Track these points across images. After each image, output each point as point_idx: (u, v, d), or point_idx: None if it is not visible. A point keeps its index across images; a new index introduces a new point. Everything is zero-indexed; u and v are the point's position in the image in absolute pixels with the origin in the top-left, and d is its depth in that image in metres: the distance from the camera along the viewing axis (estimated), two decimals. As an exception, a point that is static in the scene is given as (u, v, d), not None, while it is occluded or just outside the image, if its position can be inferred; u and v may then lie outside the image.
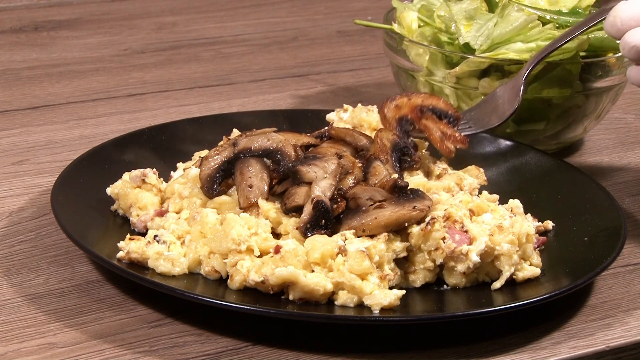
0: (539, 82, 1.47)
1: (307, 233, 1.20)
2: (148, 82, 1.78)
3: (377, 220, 1.20)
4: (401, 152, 1.33)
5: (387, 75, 1.82)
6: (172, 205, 1.28)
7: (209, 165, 1.27)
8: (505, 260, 1.20)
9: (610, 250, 1.22)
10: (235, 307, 1.12)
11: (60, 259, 1.26)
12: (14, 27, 2.00)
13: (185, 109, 1.69)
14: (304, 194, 1.22)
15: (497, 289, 1.20)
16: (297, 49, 1.97)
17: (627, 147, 1.62)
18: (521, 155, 1.43)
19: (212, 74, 1.83)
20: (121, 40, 1.97)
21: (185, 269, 1.20)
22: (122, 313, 1.17)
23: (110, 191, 1.31)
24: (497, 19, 1.49)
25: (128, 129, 1.54)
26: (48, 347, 1.11)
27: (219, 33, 2.03)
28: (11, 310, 1.17)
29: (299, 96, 1.76)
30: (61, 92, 1.73)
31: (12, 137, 1.56)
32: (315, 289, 1.15)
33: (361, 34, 2.04)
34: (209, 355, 1.11)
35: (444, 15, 1.51)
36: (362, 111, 1.44)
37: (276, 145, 1.27)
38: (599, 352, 1.15)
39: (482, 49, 1.48)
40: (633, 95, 1.79)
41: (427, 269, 1.21)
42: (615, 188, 1.47)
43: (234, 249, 1.18)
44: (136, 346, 1.12)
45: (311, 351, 1.12)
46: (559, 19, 1.52)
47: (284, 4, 2.20)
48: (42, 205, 1.36)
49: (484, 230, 1.21)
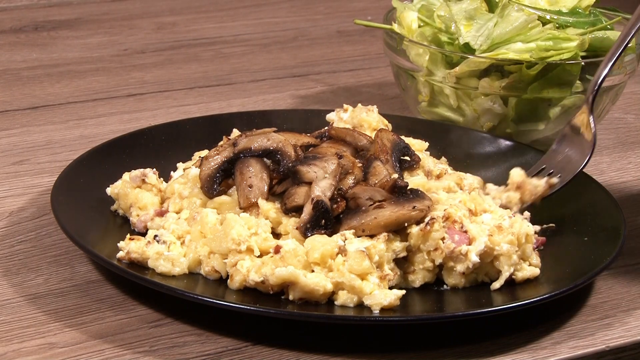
0: (539, 82, 1.47)
1: (307, 233, 1.20)
2: (148, 82, 1.78)
3: (376, 220, 1.20)
4: (401, 152, 1.33)
5: (387, 75, 1.82)
6: (172, 205, 1.28)
7: (209, 165, 1.27)
8: (505, 260, 1.20)
9: (610, 250, 1.22)
10: (235, 307, 1.12)
11: (60, 259, 1.26)
12: (14, 27, 2.00)
13: (185, 109, 1.69)
14: (304, 194, 1.22)
15: (497, 289, 1.20)
16: (297, 49, 1.97)
17: (627, 147, 1.62)
18: (521, 155, 1.43)
19: (212, 74, 1.83)
20: (121, 40, 1.97)
21: (185, 269, 1.20)
22: (122, 313, 1.17)
23: (110, 191, 1.31)
24: (497, 19, 1.49)
25: (128, 129, 1.54)
26: (48, 347, 1.11)
27: (219, 33, 2.03)
28: (11, 310, 1.17)
29: (299, 96, 1.76)
30: (61, 92, 1.73)
31: (12, 137, 1.56)
32: (315, 289, 1.15)
33: (361, 34, 2.04)
34: (209, 355, 1.11)
35: (444, 15, 1.51)
36: (362, 111, 1.44)
37: (276, 145, 1.27)
38: (599, 352, 1.15)
39: (482, 49, 1.48)
40: (633, 95, 1.79)
41: (426, 269, 1.21)
42: (615, 188, 1.47)
43: (234, 249, 1.18)
44: (136, 346, 1.12)
45: (311, 351, 1.12)
46: (559, 19, 1.52)
47: (284, 4, 2.20)
48: (42, 205, 1.36)
49: (483, 230, 1.21)
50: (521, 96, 1.49)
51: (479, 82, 1.49)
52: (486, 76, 1.49)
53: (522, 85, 1.48)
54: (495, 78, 1.48)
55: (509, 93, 1.49)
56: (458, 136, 1.48)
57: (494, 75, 1.48)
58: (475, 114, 1.52)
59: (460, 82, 1.50)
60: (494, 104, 1.50)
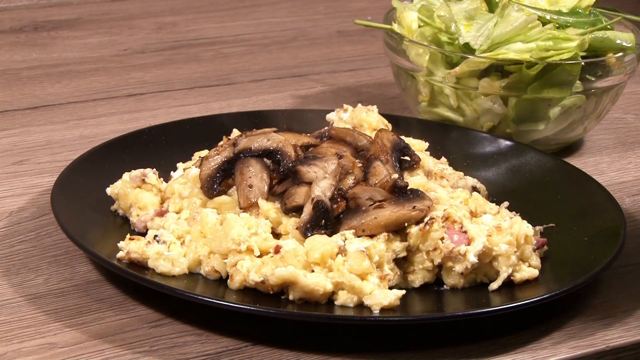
0: (539, 82, 1.47)
1: (307, 233, 1.20)
2: (148, 82, 1.78)
3: (376, 220, 1.20)
4: (401, 152, 1.33)
5: (387, 75, 1.82)
6: (172, 205, 1.28)
7: (209, 165, 1.27)
8: (503, 261, 1.20)
9: (610, 250, 1.22)
10: (235, 307, 1.12)
11: (60, 259, 1.26)
12: (14, 27, 2.00)
13: (185, 109, 1.69)
14: (304, 194, 1.22)
15: (496, 289, 1.20)
16: (297, 49, 1.97)
17: (627, 147, 1.62)
18: (521, 155, 1.43)
19: (212, 74, 1.83)
20: (121, 40, 1.97)
21: (185, 269, 1.20)
22: (122, 313, 1.17)
23: (110, 191, 1.31)
24: (497, 19, 1.49)
25: (128, 129, 1.54)
26: (48, 347, 1.11)
27: (219, 33, 2.03)
28: (11, 310, 1.17)
29: (299, 96, 1.76)
30: (61, 92, 1.73)
31: (12, 137, 1.56)
32: (315, 289, 1.15)
33: (361, 34, 2.04)
34: (209, 355, 1.11)
35: (444, 15, 1.51)
36: (362, 111, 1.44)
37: (276, 145, 1.27)
38: (599, 352, 1.15)
39: (482, 49, 1.48)
40: (633, 95, 1.79)
41: (425, 269, 1.21)
42: (615, 188, 1.47)
43: (234, 249, 1.18)
44: (136, 346, 1.12)
45: (311, 351, 1.12)
46: (559, 19, 1.52)
47: (284, 4, 2.20)
48: (42, 205, 1.36)
49: (482, 230, 1.21)
50: (521, 96, 1.49)
51: (479, 82, 1.49)
52: (486, 76, 1.49)
53: (522, 85, 1.48)
54: (495, 78, 1.48)
55: (509, 93, 1.49)
56: (458, 136, 1.48)
57: (494, 75, 1.48)
58: (475, 114, 1.52)
59: (460, 82, 1.50)
60: (494, 104, 1.50)
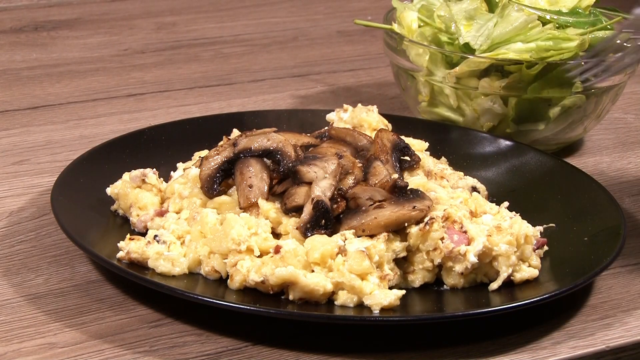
0: (539, 82, 1.47)
1: (307, 233, 1.20)
2: (148, 82, 1.78)
3: (377, 220, 1.20)
4: (401, 152, 1.33)
5: (387, 75, 1.82)
6: (172, 205, 1.28)
7: (209, 165, 1.27)
8: (503, 261, 1.20)
9: (610, 250, 1.22)
10: (235, 307, 1.12)
11: (60, 259, 1.26)
12: (14, 27, 2.00)
13: (185, 109, 1.69)
14: (304, 194, 1.22)
15: (496, 289, 1.20)
16: (297, 49, 1.97)
17: (627, 147, 1.62)
18: (521, 155, 1.43)
19: (212, 74, 1.83)
20: (121, 40, 1.97)
21: (185, 269, 1.20)
22: (122, 313, 1.17)
23: (110, 191, 1.31)
24: (497, 19, 1.49)
25: (128, 129, 1.54)
26: (48, 347, 1.11)
27: (219, 33, 2.03)
28: (11, 310, 1.17)
29: (299, 96, 1.76)
30: (61, 92, 1.73)
31: (12, 137, 1.56)
32: (315, 289, 1.15)
33: (361, 34, 2.04)
34: (209, 355, 1.11)
35: (444, 15, 1.51)
36: (362, 111, 1.44)
37: (276, 145, 1.27)
38: (599, 352, 1.15)
39: (482, 49, 1.48)
40: (633, 95, 1.79)
41: (425, 269, 1.21)
42: (615, 188, 1.47)
43: (234, 249, 1.18)
44: (136, 346, 1.12)
45: (311, 351, 1.12)
46: (559, 19, 1.52)
47: (284, 4, 2.20)
48: (42, 205, 1.36)
49: (482, 230, 1.21)
50: (521, 96, 1.49)
51: (479, 82, 1.49)
52: (486, 76, 1.49)
53: (522, 85, 1.48)
54: (495, 78, 1.48)
55: (509, 93, 1.49)
56: (458, 136, 1.48)
57: (494, 75, 1.48)
58: (475, 114, 1.52)
59: (460, 82, 1.50)
60: (494, 104, 1.50)
